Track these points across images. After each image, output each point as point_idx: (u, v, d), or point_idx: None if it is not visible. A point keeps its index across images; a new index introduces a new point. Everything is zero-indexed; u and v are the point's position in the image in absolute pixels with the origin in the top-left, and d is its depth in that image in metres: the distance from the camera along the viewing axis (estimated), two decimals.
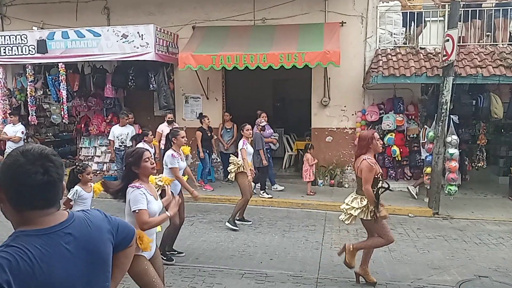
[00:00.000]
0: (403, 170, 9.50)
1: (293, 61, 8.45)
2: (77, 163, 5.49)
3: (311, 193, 9.06)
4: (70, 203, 4.87)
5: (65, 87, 9.74)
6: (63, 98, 9.77)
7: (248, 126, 7.37)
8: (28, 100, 10.14)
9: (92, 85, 10.51)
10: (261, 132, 8.96)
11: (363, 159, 4.58)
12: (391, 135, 9.16)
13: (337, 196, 8.91)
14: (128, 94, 11.07)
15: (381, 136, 9.31)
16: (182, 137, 5.70)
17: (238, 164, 7.00)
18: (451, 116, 8.17)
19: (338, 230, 7.06)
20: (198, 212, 7.97)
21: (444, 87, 7.75)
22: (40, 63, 10.00)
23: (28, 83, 10.05)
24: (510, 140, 10.15)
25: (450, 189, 8.00)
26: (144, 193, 3.31)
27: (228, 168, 7.21)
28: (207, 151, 9.63)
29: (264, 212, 8.05)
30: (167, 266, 5.39)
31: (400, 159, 9.28)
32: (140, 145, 7.74)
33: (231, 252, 6.01)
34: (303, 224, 7.40)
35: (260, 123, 8.89)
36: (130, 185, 3.36)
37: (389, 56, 8.81)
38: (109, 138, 9.73)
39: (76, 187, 4.92)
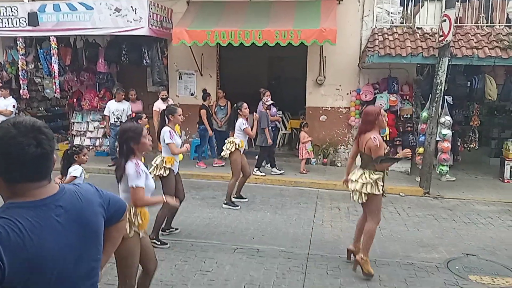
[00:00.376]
0: (395, 150, 9.53)
1: (288, 39, 8.37)
2: (69, 143, 5.43)
3: (304, 171, 9.10)
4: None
5: (57, 61, 9.58)
6: (55, 72, 9.62)
7: (246, 105, 7.20)
8: (20, 74, 10.01)
9: (85, 59, 10.35)
10: (267, 110, 8.89)
11: (371, 138, 4.49)
12: None
13: (329, 175, 8.99)
14: (121, 69, 10.93)
15: None
16: (179, 115, 5.59)
17: (234, 142, 6.91)
18: (445, 97, 8.18)
19: (330, 208, 7.13)
20: (192, 188, 7.98)
21: (440, 68, 7.73)
22: (31, 36, 9.82)
23: (19, 56, 9.89)
24: (502, 122, 10.20)
25: (442, 169, 8.08)
26: (143, 170, 3.31)
27: (224, 146, 7.10)
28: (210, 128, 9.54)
29: (257, 190, 8.10)
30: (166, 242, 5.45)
31: (388, 139, 9.31)
32: None
33: (223, 228, 6.06)
34: (295, 201, 7.46)
35: (266, 101, 8.79)
36: (130, 160, 3.34)
37: (386, 35, 8.75)
38: (104, 113, 9.67)
39: (78, 166, 4.88)
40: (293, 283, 4.45)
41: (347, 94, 9.82)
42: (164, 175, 5.38)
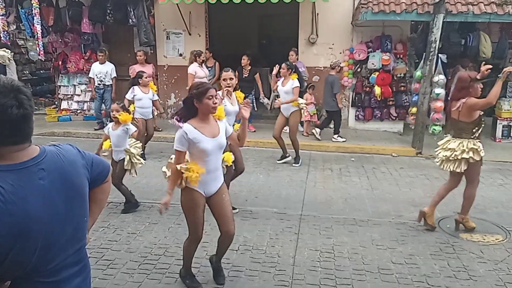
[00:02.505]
0: (388, 110, 9.49)
1: None
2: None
3: (305, 134, 8.97)
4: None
5: (39, 22, 9.21)
6: (37, 33, 9.26)
7: (284, 65, 7.11)
8: (1, 35, 9.62)
9: (68, 19, 9.99)
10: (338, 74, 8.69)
11: (468, 99, 4.35)
12: (374, 74, 9.08)
13: (322, 136, 8.93)
14: (106, 29, 10.54)
15: (368, 75, 9.20)
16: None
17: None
18: (439, 55, 8.05)
19: (322, 169, 7.13)
20: None
21: (434, 25, 7.56)
22: None
23: (0, 17, 9.48)
24: (495, 80, 10.12)
25: (434, 129, 8.06)
26: (185, 135, 3.22)
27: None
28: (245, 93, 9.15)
29: (249, 153, 8.04)
30: (152, 205, 5.43)
31: (380, 99, 9.23)
32: (131, 90, 7.15)
33: None
34: (288, 163, 7.44)
35: (340, 63, 8.61)
36: (180, 123, 3.26)
37: None
38: (89, 75, 9.41)
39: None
40: (286, 244, 4.48)
41: (340, 53, 9.62)
42: None
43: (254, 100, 9.24)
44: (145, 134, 7.37)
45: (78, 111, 10.66)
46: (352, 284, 3.75)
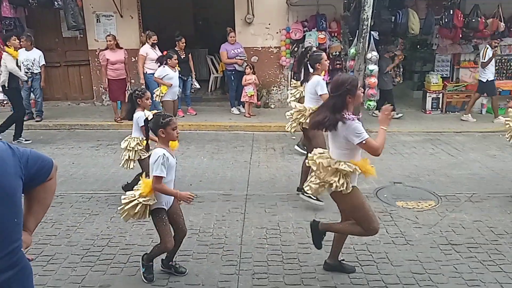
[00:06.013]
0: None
1: None
2: (136, 89, 4.94)
3: (247, 115, 8.95)
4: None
5: None
6: None
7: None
8: None
9: None
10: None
11: None
12: None
13: (263, 117, 9.00)
14: (30, 13, 9.83)
15: None
16: (326, 60, 5.05)
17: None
18: (372, 32, 8.30)
19: (265, 149, 7.20)
20: (122, 139, 7.64)
21: (366, 3, 7.75)
22: None
23: None
24: (424, 55, 10.66)
25: (369, 105, 8.36)
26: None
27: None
28: (180, 75, 8.51)
29: (191, 136, 7.94)
30: (92, 196, 5.23)
31: None
32: (161, 68, 6.91)
33: None
34: (231, 145, 7.43)
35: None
36: (347, 117, 3.13)
37: None
38: None
39: (141, 112, 4.69)
40: (233, 224, 4.50)
41: (277, 33, 9.65)
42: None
43: (192, 83, 9.09)
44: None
45: (5, 102, 9.92)
46: (298, 257, 3.85)
